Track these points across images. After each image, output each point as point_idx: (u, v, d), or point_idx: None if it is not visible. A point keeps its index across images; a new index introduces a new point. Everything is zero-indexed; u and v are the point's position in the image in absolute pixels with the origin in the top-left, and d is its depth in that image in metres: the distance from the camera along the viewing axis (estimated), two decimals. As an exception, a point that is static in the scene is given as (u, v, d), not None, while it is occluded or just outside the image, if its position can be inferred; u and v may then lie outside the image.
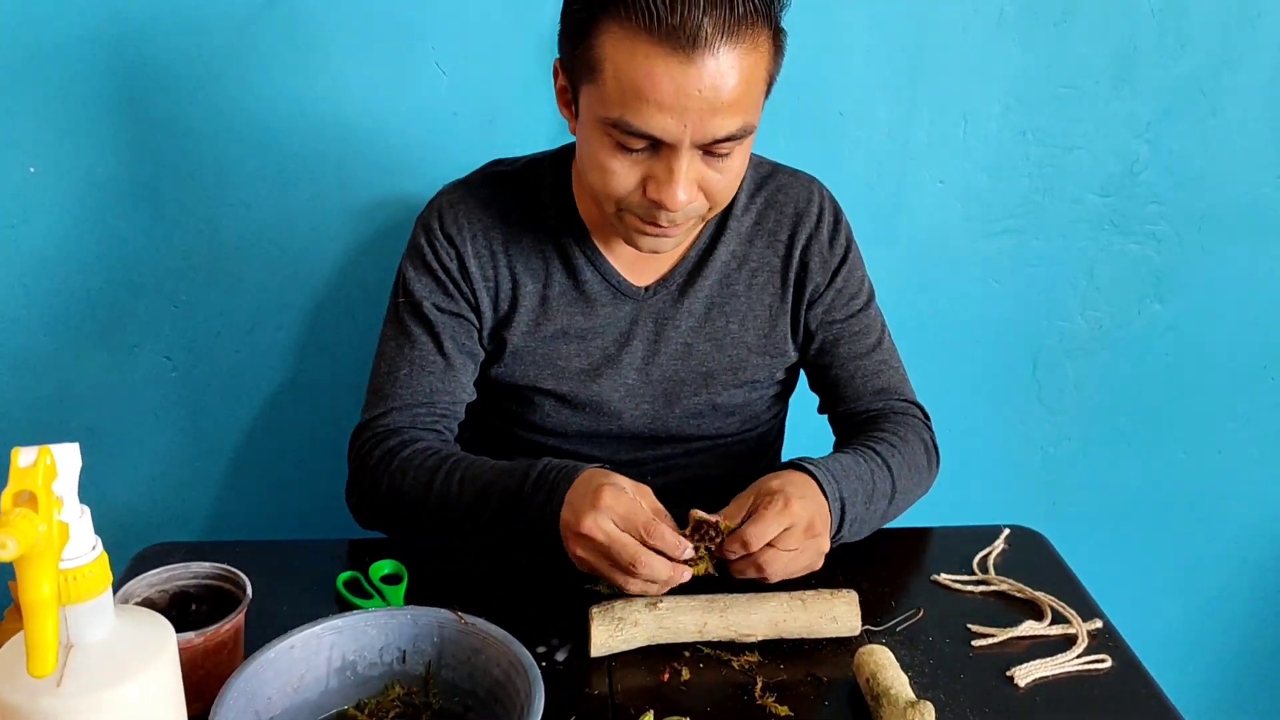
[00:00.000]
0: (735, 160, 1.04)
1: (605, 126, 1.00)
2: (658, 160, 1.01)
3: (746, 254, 1.22)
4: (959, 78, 1.54)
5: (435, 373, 1.18)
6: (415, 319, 1.18)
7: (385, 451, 1.13)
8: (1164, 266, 1.69)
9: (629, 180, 1.03)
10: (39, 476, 0.61)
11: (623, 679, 0.95)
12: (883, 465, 1.13)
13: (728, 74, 0.96)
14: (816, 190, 1.24)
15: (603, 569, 0.97)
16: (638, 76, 0.95)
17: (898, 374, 1.29)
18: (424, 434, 1.16)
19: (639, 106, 0.96)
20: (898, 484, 1.14)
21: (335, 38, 1.41)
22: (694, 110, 0.96)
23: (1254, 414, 1.81)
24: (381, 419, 1.17)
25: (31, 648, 0.61)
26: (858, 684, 0.93)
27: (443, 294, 1.18)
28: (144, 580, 0.91)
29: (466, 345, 1.19)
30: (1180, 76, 1.57)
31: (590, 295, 1.19)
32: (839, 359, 1.26)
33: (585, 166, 1.06)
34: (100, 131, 1.42)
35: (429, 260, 1.18)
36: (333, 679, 0.86)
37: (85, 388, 1.55)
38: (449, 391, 1.18)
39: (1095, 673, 0.99)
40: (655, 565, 0.94)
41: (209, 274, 1.51)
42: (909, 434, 1.21)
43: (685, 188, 1.01)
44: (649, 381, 1.22)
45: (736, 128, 0.99)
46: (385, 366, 1.19)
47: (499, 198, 1.20)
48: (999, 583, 1.10)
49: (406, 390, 1.17)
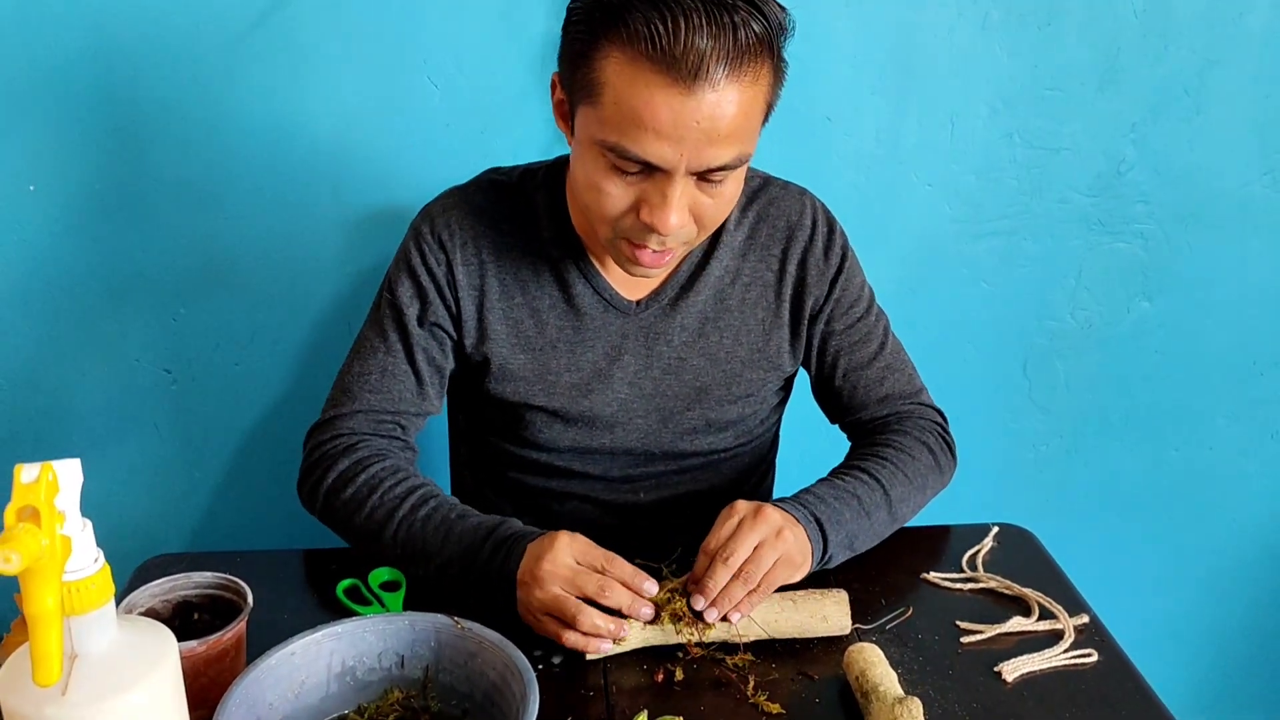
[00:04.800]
0: (728, 186, 1.04)
1: (601, 148, 0.99)
2: (651, 184, 1.01)
3: (740, 268, 1.22)
4: (945, 81, 1.55)
5: (406, 383, 1.18)
6: (395, 325, 1.18)
7: (354, 463, 1.12)
8: (1152, 265, 1.70)
9: (622, 202, 1.03)
10: (41, 492, 0.62)
11: (617, 680, 0.97)
12: (869, 478, 1.14)
13: (727, 106, 0.95)
14: (808, 202, 1.24)
15: (563, 611, 0.96)
16: (637, 104, 0.95)
17: (903, 376, 1.28)
18: (387, 444, 1.16)
19: (636, 133, 0.96)
20: (891, 493, 1.14)
21: (328, 51, 1.42)
22: (691, 140, 0.96)
23: (1243, 410, 1.82)
24: (345, 420, 1.16)
25: (36, 658, 0.62)
26: (848, 682, 0.95)
27: (426, 304, 1.17)
28: (147, 590, 0.93)
29: (438, 361, 1.19)
30: (1165, 76, 1.58)
31: (581, 308, 1.19)
32: (842, 370, 1.26)
33: (580, 185, 1.06)
34: (97, 148, 1.43)
35: (415, 266, 1.17)
36: (333, 684, 0.87)
37: (85, 401, 1.57)
38: (414, 403, 1.18)
39: (1082, 667, 1.00)
40: (619, 592, 0.96)
41: (206, 287, 1.52)
42: (908, 440, 1.21)
43: (678, 212, 1.01)
44: (642, 396, 1.21)
45: (732, 157, 0.99)
46: (357, 366, 1.19)
47: (493, 207, 1.19)
48: (987, 580, 1.12)
49: (374, 396, 1.17)
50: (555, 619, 0.97)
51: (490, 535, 1.04)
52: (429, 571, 1.06)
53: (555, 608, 0.96)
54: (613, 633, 0.96)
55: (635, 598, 0.97)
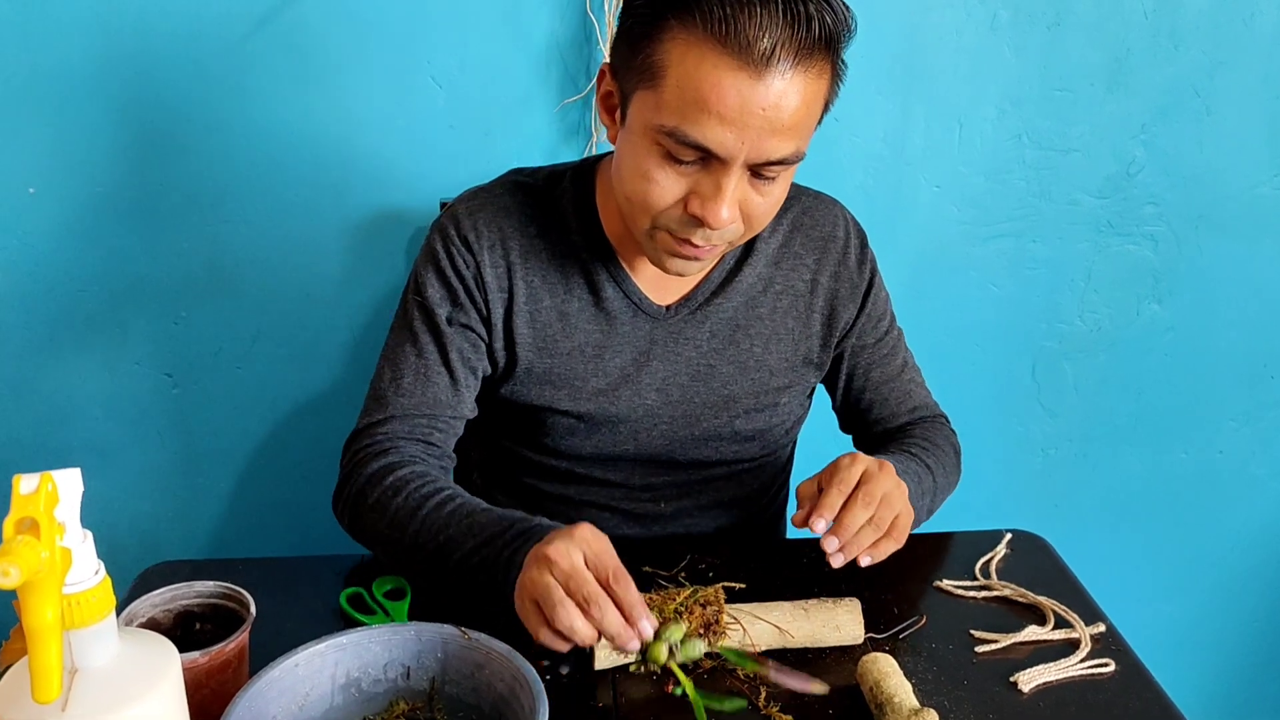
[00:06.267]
0: (779, 186, 1.03)
1: (658, 134, 0.97)
2: (706, 175, 0.99)
3: (773, 276, 1.20)
4: (953, 83, 1.54)
5: (440, 384, 1.14)
6: (427, 327, 1.14)
7: (383, 466, 1.09)
8: (1162, 267, 1.69)
9: (672, 193, 1.00)
10: (41, 503, 0.61)
11: (626, 691, 0.95)
12: (923, 464, 1.17)
13: (792, 96, 0.94)
14: (841, 214, 1.23)
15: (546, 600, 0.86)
16: (704, 87, 0.93)
17: (923, 388, 1.31)
18: (422, 448, 1.13)
19: (699, 117, 0.94)
20: (937, 481, 1.18)
21: (331, 53, 1.41)
22: (754, 128, 0.94)
23: (1254, 413, 1.81)
24: (380, 426, 1.13)
25: (35, 673, 0.61)
26: (861, 692, 0.93)
27: (455, 304, 1.14)
28: (148, 600, 0.91)
29: (472, 361, 1.16)
30: (1174, 77, 1.57)
31: (610, 312, 1.16)
32: (873, 383, 1.26)
33: (627, 175, 1.02)
34: (97, 150, 1.42)
35: (443, 266, 1.14)
36: (337, 696, 0.86)
37: (87, 406, 1.56)
38: (451, 405, 1.15)
39: (1099, 677, 0.99)
40: (610, 617, 0.84)
41: (209, 291, 1.51)
42: (938, 437, 1.25)
43: (730, 206, 0.99)
44: (669, 403, 1.19)
45: (790, 151, 0.98)
46: (390, 372, 1.15)
47: (519, 208, 1.16)
48: (1001, 588, 1.10)
49: (409, 399, 1.13)
50: (536, 613, 0.88)
51: (513, 525, 0.99)
52: (450, 567, 1.01)
53: (541, 594, 0.86)
54: (584, 642, 0.86)
55: (627, 630, 0.85)
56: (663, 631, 0.87)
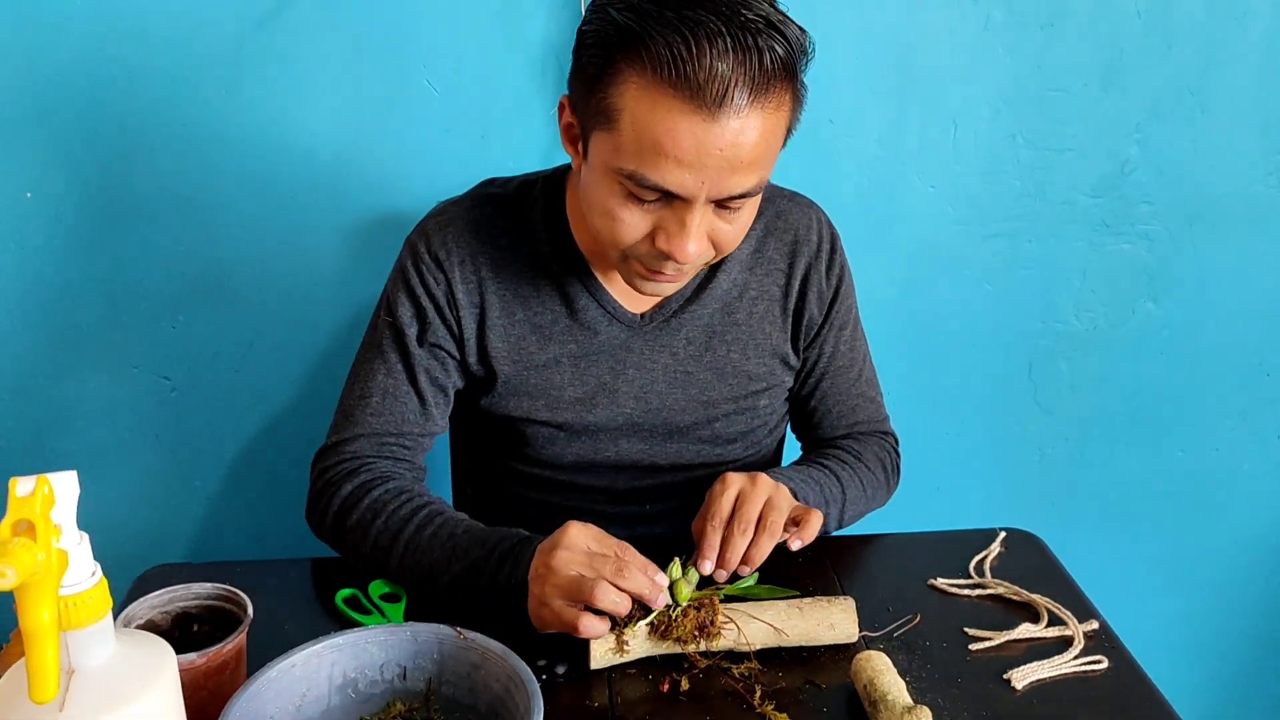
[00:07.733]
0: (745, 213, 1.03)
1: (618, 176, 0.97)
2: (669, 212, 0.99)
3: (747, 282, 1.20)
4: (948, 83, 1.54)
5: (409, 405, 1.15)
6: (395, 346, 1.15)
7: (357, 487, 1.10)
8: (1157, 266, 1.69)
9: (638, 229, 1.00)
10: (37, 505, 0.61)
11: (622, 691, 0.96)
12: (829, 473, 1.18)
13: (750, 133, 0.93)
14: (815, 216, 1.23)
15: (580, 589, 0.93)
16: (658, 131, 0.92)
17: (873, 405, 1.30)
18: (393, 465, 1.14)
19: (656, 160, 0.94)
20: (848, 492, 1.19)
21: (327, 56, 1.41)
22: (712, 168, 0.94)
23: (1250, 411, 1.81)
24: (349, 444, 1.14)
25: (33, 674, 0.61)
26: (856, 690, 0.94)
27: (425, 324, 1.14)
28: (146, 602, 0.92)
29: (441, 380, 1.16)
30: (1168, 76, 1.58)
31: (584, 322, 1.17)
32: (821, 393, 1.27)
33: (592, 212, 1.03)
34: (94, 154, 1.42)
35: (414, 285, 1.15)
36: (334, 697, 0.86)
37: (84, 409, 1.56)
38: (419, 424, 1.16)
39: (1092, 674, 0.99)
40: (635, 576, 0.93)
41: (205, 294, 1.51)
42: (866, 452, 1.25)
43: (696, 240, 0.99)
44: (648, 410, 1.19)
45: (752, 184, 0.98)
46: (359, 389, 1.16)
47: (490, 221, 1.16)
48: (995, 586, 1.11)
49: (377, 419, 1.14)
50: (570, 607, 0.93)
51: (496, 546, 1.02)
52: (438, 590, 1.04)
53: (573, 590, 0.93)
54: (623, 613, 0.94)
55: (652, 583, 0.94)
56: (671, 574, 0.98)
